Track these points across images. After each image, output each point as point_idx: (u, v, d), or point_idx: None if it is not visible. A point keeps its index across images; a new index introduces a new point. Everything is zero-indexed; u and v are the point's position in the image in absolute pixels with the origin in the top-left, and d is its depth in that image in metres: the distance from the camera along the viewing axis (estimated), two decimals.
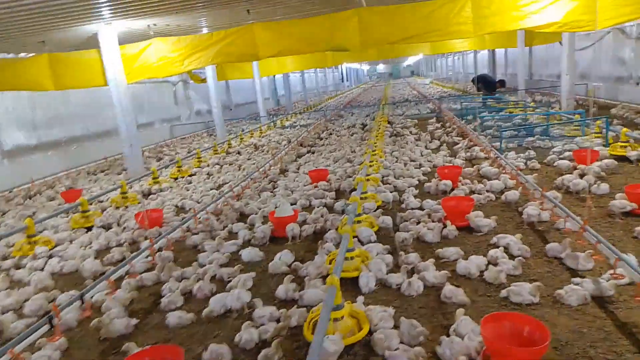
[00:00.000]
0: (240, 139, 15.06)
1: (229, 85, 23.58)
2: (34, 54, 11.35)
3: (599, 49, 16.11)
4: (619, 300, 3.62)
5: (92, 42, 10.10)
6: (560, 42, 13.55)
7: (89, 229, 7.10)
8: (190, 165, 11.22)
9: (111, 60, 9.53)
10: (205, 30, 12.10)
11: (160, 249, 5.59)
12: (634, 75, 14.04)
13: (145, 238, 6.11)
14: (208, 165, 11.01)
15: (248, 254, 5.24)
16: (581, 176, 6.66)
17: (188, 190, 8.82)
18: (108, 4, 7.90)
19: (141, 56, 9.85)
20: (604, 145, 8.66)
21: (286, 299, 4.20)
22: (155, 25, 10.31)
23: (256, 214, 6.60)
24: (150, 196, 8.80)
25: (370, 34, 8.67)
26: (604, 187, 6.19)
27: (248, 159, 11.38)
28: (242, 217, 6.78)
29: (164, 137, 17.44)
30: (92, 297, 4.48)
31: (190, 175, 10.24)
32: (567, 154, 8.31)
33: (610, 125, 9.43)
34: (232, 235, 6.04)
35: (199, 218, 6.54)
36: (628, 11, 8.29)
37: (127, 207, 8.06)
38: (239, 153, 12.55)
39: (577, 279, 3.89)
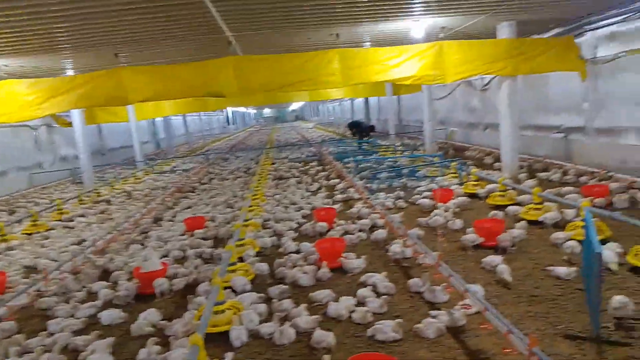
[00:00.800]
0: (111, 186, 13.98)
1: (101, 129, 22.02)
2: None
3: (454, 99, 18.35)
4: (469, 329, 3.95)
5: None
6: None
7: None
8: (49, 218, 10.03)
9: None
10: (68, 73, 11.25)
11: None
12: (482, 122, 16.18)
13: None
14: (70, 218, 9.94)
15: (109, 316, 4.75)
16: (440, 212, 7.32)
17: (44, 247, 7.82)
18: None
19: None
20: (459, 184, 9.69)
21: None
22: (6, 66, 9.33)
23: (122, 269, 6.06)
24: None
25: (246, 81, 8.81)
26: (458, 222, 6.87)
27: (118, 209, 10.55)
28: (106, 274, 6.17)
29: (20, 187, 15.48)
30: None
31: (47, 230, 9.12)
32: (429, 193, 9.12)
33: (464, 166, 10.63)
34: (91, 296, 5.45)
35: (53, 279, 5.81)
36: (472, 67, 9.60)
37: None
38: (108, 202, 11.60)
39: (434, 312, 4.18)
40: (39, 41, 7.88)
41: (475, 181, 9.23)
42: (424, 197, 8.71)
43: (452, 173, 10.75)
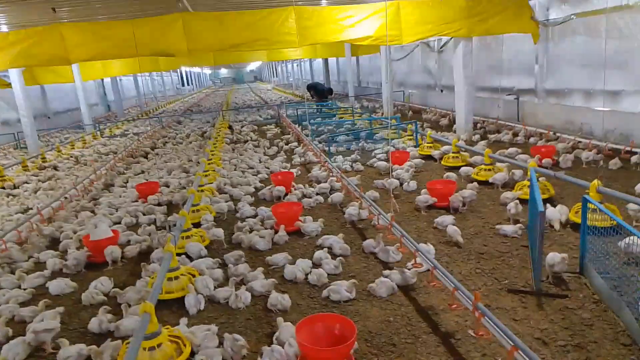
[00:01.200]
0: (58, 151, 13.29)
1: (45, 91, 20.66)
2: None
3: (411, 61, 18.37)
4: (419, 287, 4.10)
5: None
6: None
7: None
8: None
9: None
10: (2, 29, 10.37)
11: None
12: (439, 84, 16.35)
13: None
14: (14, 185, 9.41)
15: (57, 286, 4.60)
16: (395, 176, 7.44)
17: None
18: None
19: None
20: (414, 146, 9.84)
21: (101, 332, 3.78)
22: None
23: (71, 238, 5.84)
24: None
25: (197, 39, 8.43)
26: (413, 184, 7.01)
27: (66, 175, 10.07)
28: (54, 243, 5.94)
29: None
30: None
31: None
32: (385, 156, 9.23)
33: (420, 128, 10.77)
34: (39, 266, 5.25)
35: None
36: (428, 28, 9.60)
37: None
38: (55, 168, 11.04)
39: (387, 272, 4.30)
40: None
41: (430, 143, 9.39)
42: (380, 160, 8.80)
43: (408, 135, 10.89)
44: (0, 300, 4.39)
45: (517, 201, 5.57)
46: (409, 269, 4.24)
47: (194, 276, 4.40)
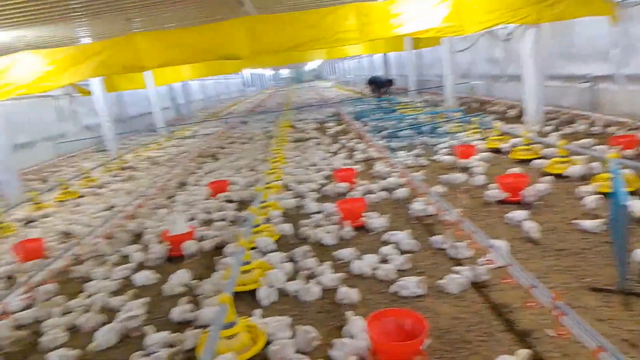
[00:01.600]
0: (135, 153, 14.24)
1: (122, 97, 22.17)
2: None
3: (476, 51, 17.71)
4: (493, 284, 3.99)
5: None
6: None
7: None
8: (79, 186, 10.35)
9: None
10: (85, 41, 11.26)
11: (41, 283, 5.08)
12: (506, 74, 15.64)
13: (25, 272, 5.52)
14: (99, 185, 10.24)
15: (142, 277, 4.96)
16: (462, 170, 7.25)
17: (76, 213, 8.13)
18: None
19: (10, 71, 8.88)
20: (481, 139, 9.52)
21: (181, 321, 4.05)
22: (24, 37, 9.38)
23: (152, 233, 6.27)
24: (32, 223, 7.98)
25: (260, 42, 8.68)
26: (481, 178, 6.80)
27: (144, 175, 10.79)
28: (137, 238, 6.40)
29: (48, 157, 15.91)
30: None
31: (78, 197, 9.44)
32: (450, 150, 9.00)
33: (486, 120, 10.40)
34: (124, 258, 5.68)
35: (87, 244, 6.06)
36: (493, 17, 9.21)
37: (4, 238, 7.21)
38: (133, 169, 11.85)
39: (457, 268, 4.22)
40: (53, 10, 7.86)
41: (498, 136, 9.04)
42: (445, 154, 8.61)
43: (474, 128, 10.54)
44: (93, 290, 4.81)
45: (597, 195, 5.23)
46: (481, 266, 4.14)
47: (265, 270, 4.58)
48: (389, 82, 21.58)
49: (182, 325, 3.96)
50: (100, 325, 4.06)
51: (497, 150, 8.65)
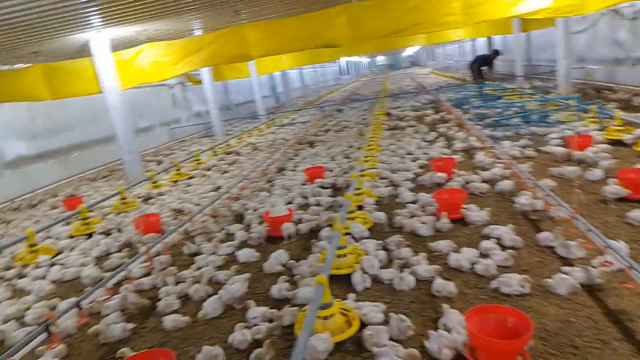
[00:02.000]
0: (239, 139, 15.11)
1: (227, 86, 23.64)
2: (29, 64, 11.42)
3: (594, 32, 15.96)
4: (608, 288, 3.64)
5: (85, 50, 10.15)
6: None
7: (90, 235, 7.17)
8: (189, 168, 11.29)
9: (104, 67, 9.59)
10: (197, 33, 12.13)
11: (157, 254, 5.66)
12: (631, 57, 13.92)
13: (144, 243, 6.18)
14: (207, 168, 11.08)
15: (244, 254, 5.30)
16: (576, 163, 6.65)
17: (187, 193, 8.89)
18: (98, 12, 7.95)
19: (135, 62, 9.91)
20: (599, 130, 8.62)
21: (280, 298, 4.26)
22: (145, 30, 10.35)
23: (253, 214, 6.65)
24: (150, 200, 8.88)
25: (360, 29, 8.68)
26: (598, 172, 6.18)
27: (247, 159, 11.44)
28: (240, 217, 6.83)
29: (163, 140, 17.55)
30: (90, 303, 4.56)
31: (189, 178, 10.31)
32: (562, 140, 8.28)
33: (606, 109, 9.37)
34: (228, 236, 6.10)
35: (196, 221, 6.60)
36: None
37: (127, 212, 8.13)
38: (237, 153, 12.61)
39: (567, 268, 3.91)
40: (169, 6, 8.54)
41: (620, 126, 8.11)
42: (556, 145, 7.94)
43: (590, 117, 9.57)
44: (202, 263, 5.24)
45: None
46: (595, 267, 3.79)
47: (359, 255, 4.63)
48: (495, 52, 20.11)
49: (281, 302, 4.17)
50: (207, 296, 4.42)
51: (618, 142, 7.78)
